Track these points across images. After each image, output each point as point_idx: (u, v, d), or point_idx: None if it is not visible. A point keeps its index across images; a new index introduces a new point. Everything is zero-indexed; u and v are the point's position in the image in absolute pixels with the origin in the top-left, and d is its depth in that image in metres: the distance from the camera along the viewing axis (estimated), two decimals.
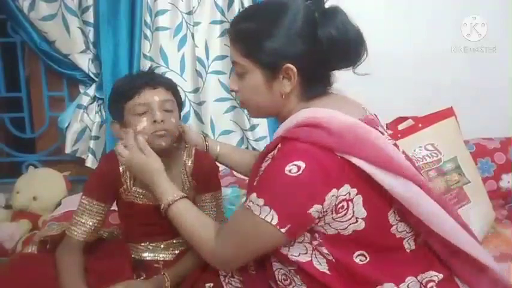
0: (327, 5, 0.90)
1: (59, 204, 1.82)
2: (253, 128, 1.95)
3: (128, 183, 1.17)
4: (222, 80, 1.95)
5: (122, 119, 1.13)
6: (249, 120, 1.94)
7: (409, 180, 0.84)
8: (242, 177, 1.79)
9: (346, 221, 0.84)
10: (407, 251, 0.91)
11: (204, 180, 1.22)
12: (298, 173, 0.80)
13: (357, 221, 0.84)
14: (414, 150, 1.53)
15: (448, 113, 1.62)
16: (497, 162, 1.75)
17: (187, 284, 1.11)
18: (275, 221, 0.81)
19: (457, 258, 0.91)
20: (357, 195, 0.83)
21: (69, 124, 1.91)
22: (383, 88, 1.90)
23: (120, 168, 1.16)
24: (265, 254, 0.91)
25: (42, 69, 1.96)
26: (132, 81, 1.13)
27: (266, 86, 0.90)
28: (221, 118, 1.97)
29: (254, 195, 0.84)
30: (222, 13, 1.90)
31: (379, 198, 0.85)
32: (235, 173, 1.80)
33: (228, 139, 1.98)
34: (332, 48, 0.86)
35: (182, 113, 1.92)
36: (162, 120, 1.09)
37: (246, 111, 1.90)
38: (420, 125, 1.57)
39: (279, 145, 0.87)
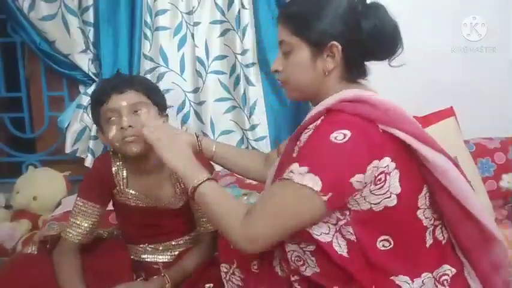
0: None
1: (59, 204, 1.82)
2: (253, 128, 1.95)
3: (121, 185, 1.17)
4: (222, 80, 1.95)
5: (100, 125, 1.13)
6: (249, 120, 1.94)
7: (445, 155, 0.89)
8: (242, 177, 1.80)
9: (382, 194, 0.86)
10: (428, 244, 0.92)
11: None
12: (343, 140, 0.82)
13: (390, 196, 0.86)
14: None
15: (448, 113, 1.62)
16: (497, 162, 1.75)
17: (187, 284, 1.11)
18: (318, 187, 0.80)
19: (480, 249, 0.92)
20: (395, 169, 0.86)
21: (69, 124, 1.91)
22: (383, 88, 1.90)
23: (113, 169, 1.16)
24: (295, 232, 0.87)
25: (42, 69, 1.96)
26: (102, 86, 1.13)
27: (311, 62, 0.94)
28: (221, 118, 1.97)
29: (296, 164, 0.84)
30: (222, 13, 1.90)
31: (415, 176, 0.89)
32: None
33: (228, 139, 1.97)
34: (372, 38, 0.92)
35: (182, 113, 1.95)
36: (129, 126, 1.06)
37: (245, 111, 1.93)
38: (420, 125, 1.56)
39: (323, 117, 0.90)
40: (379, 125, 0.86)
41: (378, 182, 0.85)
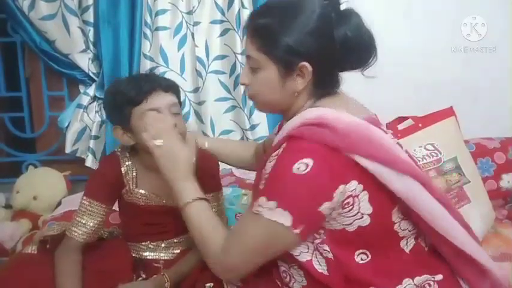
0: (342, 7, 0.92)
1: (59, 204, 1.82)
2: (253, 127, 1.95)
3: (131, 185, 1.16)
4: (222, 80, 1.95)
5: (127, 124, 1.10)
6: (249, 120, 1.94)
7: (412, 177, 0.85)
8: (242, 177, 1.80)
9: (352, 216, 0.85)
10: (407, 251, 0.91)
11: (208, 181, 1.19)
12: (306, 171, 0.80)
13: (362, 217, 0.85)
14: (414, 150, 1.53)
15: (448, 113, 1.62)
16: (497, 162, 1.74)
17: (187, 284, 1.11)
18: (289, 223, 0.81)
19: (459, 259, 0.91)
20: (363, 191, 0.84)
21: (69, 124, 1.91)
22: (383, 88, 1.90)
23: (122, 169, 1.16)
24: (272, 259, 0.90)
25: (42, 68, 1.96)
26: (138, 86, 1.09)
27: (279, 82, 0.90)
28: (221, 118, 1.97)
29: (264, 198, 0.83)
30: (222, 13, 1.90)
31: (384, 195, 0.85)
32: (235, 172, 1.81)
33: (228, 139, 1.98)
34: (346, 48, 0.88)
35: (182, 113, 1.95)
36: (175, 125, 1.06)
37: (245, 111, 1.93)
38: (420, 125, 1.57)
39: (284, 144, 0.87)
40: (341, 151, 0.83)
41: (346, 206, 0.84)
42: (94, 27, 1.87)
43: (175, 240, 1.22)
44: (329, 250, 0.87)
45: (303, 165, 0.80)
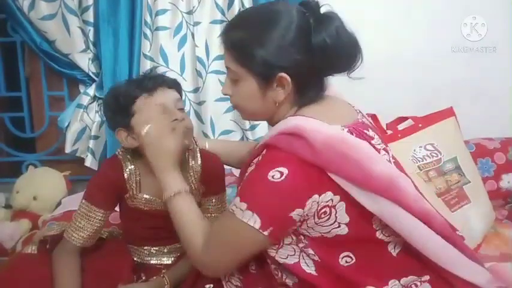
0: (324, 9, 0.89)
1: (59, 204, 1.82)
2: (253, 128, 1.95)
3: (134, 190, 1.13)
4: (222, 80, 1.94)
5: (129, 124, 1.06)
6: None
7: (385, 198, 0.83)
8: None
9: (329, 225, 0.86)
10: (394, 255, 0.90)
11: (212, 183, 1.19)
12: (280, 179, 0.81)
13: (339, 226, 0.86)
14: (414, 150, 1.53)
15: (448, 113, 1.62)
16: (497, 162, 1.74)
17: (187, 284, 1.11)
18: (258, 225, 0.83)
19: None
20: (340, 201, 0.84)
21: (69, 124, 1.91)
22: (383, 88, 1.90)
23: (125, 174, 1.12)
24: (249, 257, 0.92)
25: (42, 68, 1.96)
26: (141, 83, 1.07)
27: (260, 93, 0.90)
28: (221, 118, 1.97)
29: (238, 199, 0.86)
30: (222, 13, 1.90)
31: (362, 206, 0.84)
32: (235, 172, 1.80)
33: (228, 139, 1.98)
34: (325, 55, 0.86)
35: None
36: (183, 119, 1.06)
37: None
38: (420, 125, 1.56)
39: (264, 151, 0.89)
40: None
41: (323, 215, 0.84)
42: (94, 27, 1.87)
43: (178, 245, 1.19)
44: (314, 253, 0.88)
45: (277, 173, 0.82)
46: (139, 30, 1.84)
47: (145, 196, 1.13)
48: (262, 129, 1.95)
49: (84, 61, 1.87)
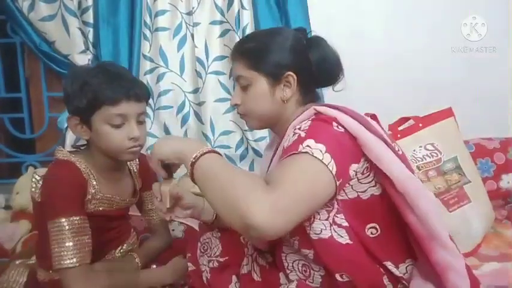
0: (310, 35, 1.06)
1: None
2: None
3: (96, 189, 1.09)
4: (222, 81, 1.95)
5: (87, 117, 1.05)
6: None
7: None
8: None
9: (367, 183, 0.90)
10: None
11: (148, 179, 1.27)
12: (343, 130, 0.87)
13: (375, 185, 0.91)
14: (414, 150, 1.53)
15: (447, 113, 1.62)
16: (497, 162, 1.75)
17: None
18: (334, 171, 0.81)
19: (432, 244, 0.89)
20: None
21: None
22: (383, 88, 1.90)
23: (84, 175, 1.07)
24: (313, 212, 0.86)
25: (41, 69, 1.96)
26: (111, 87, 1.03)
27: (270, 92, 1.01)
28: (221, 118, 1.97)
29: (311, 141, 0.82)
30: (222, 13, 1.90)
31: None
32: None
33: (227, 139, 1.98)
34: (319, 68, 1.01)
35: (182, 113, 1.95)
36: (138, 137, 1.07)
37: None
38: (420, 125, 1.56)
39: (314, 116, 0.93)
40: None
41: (366, 171, 0.90)
42: (94, 28, 1.87)
43: (130, 241, 1.26)
44: (344, 219, 0.89)
45: (340, 127, 0.88)
46: (138, 31, 1.84)
47: (105, 195, 1.12)
48: (261, 130, 1.94)
49: (84, 62, 1.87)
